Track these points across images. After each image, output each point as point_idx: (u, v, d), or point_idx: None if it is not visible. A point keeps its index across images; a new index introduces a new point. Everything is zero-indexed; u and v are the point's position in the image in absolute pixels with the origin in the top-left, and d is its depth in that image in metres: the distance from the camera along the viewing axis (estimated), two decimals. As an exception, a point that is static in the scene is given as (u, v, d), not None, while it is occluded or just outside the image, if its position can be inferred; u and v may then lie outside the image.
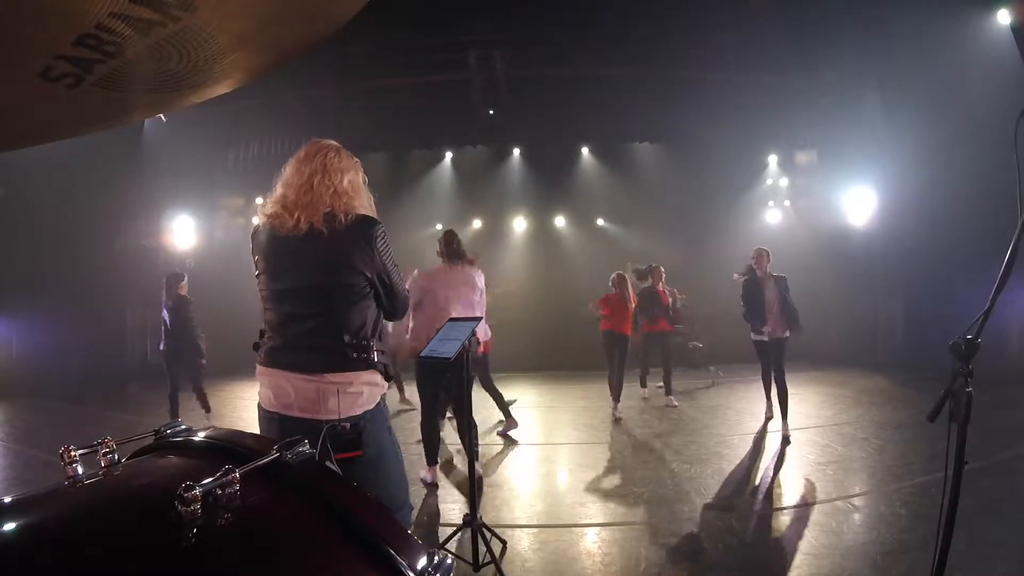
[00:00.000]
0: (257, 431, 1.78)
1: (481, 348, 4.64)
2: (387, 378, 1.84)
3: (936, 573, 1.44)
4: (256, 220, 1.94)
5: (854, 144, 9.81)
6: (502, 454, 5.09)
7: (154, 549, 0.70)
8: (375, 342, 1.79)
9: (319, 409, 1.69)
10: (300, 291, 1.77)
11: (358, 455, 1.01)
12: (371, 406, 1.77)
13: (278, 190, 1.83)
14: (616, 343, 6.52)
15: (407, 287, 2.12)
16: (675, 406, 6.67)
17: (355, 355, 1.73)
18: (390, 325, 4.35)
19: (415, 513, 3.66)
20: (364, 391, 1.75)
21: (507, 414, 5.65)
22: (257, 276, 1.86)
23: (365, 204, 1.86)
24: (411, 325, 3.98)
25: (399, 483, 1.84)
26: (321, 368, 1.71)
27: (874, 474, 4.16)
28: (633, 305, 6.59)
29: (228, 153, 10.99)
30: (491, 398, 5.66)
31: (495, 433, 5.64)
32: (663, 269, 7.33)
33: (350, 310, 1.76)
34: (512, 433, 5.65)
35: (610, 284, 6.69)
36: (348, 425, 1.01)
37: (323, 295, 1.76)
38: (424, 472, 4.11)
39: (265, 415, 1.80)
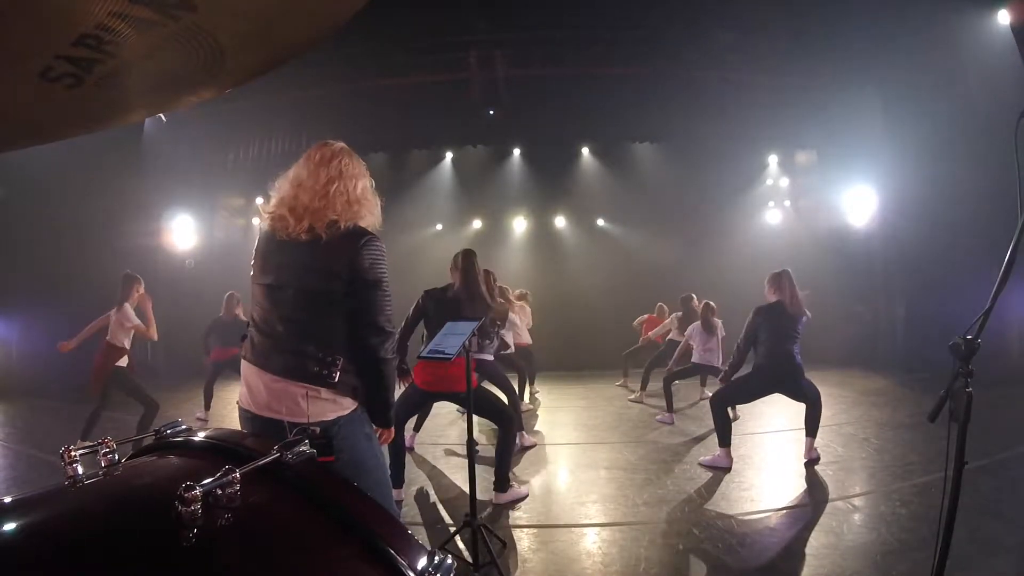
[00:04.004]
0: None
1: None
2: (358, 402, 1.77)
3: (936, 573, 1.44)
4: (257, 220, 1.94)
5: (854, 144, 9.81)
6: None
7: (155, 549, 0.70)
8: (343, 361, 1.72)
9: (288, 411, 1.67)
10: (280, 290, 1.75)
11: (329, 461, 1.01)
12: (344, 412, 1.73)
13: (287, 190, 1.78)
14: None
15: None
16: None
17: (316, 369, 1.68)
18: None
19: (414, 513, 3.67)
20: (336, 398, 1.71)
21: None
22: (252, 266, 1.86)
23: (373, 211, 1.84)
24: None
25: (381, 488, 1.80)
26: (285, 373, 1.69)
27: (874, 474, 4.16)
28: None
29: (228, 153, 10.98)
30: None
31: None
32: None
33: (322, 320, 1.73)
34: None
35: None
36: (318, 430, 1.00)
37: (300, 298, 1.73)
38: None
39: (241, 413, 1.79)
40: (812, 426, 4.46)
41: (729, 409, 5.59)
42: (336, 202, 1.74)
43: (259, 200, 11.71)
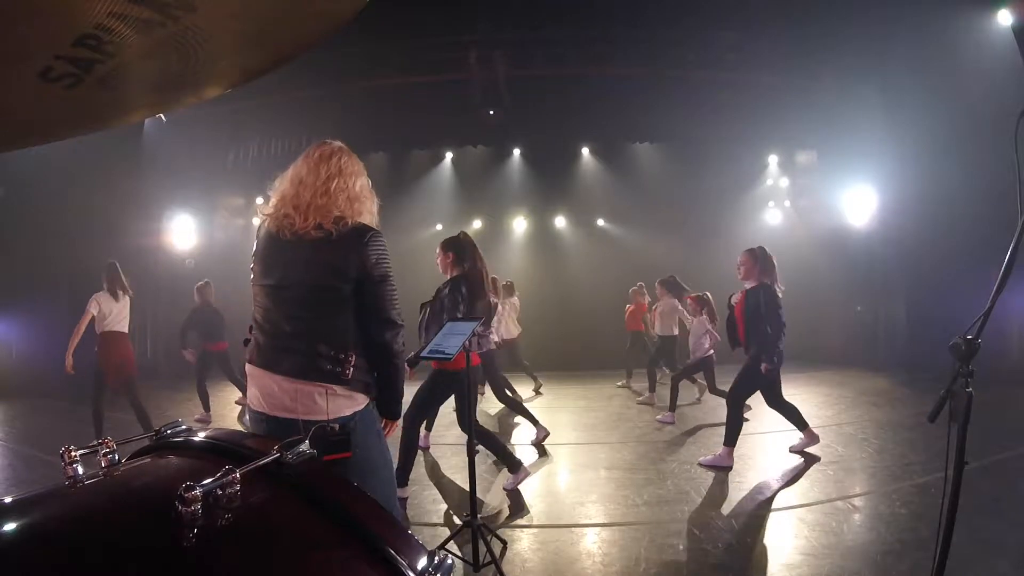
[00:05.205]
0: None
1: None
2: (371, 398, 1.78)
3: (936, 573, 1.44)
4: (257, 220, 1.93)
5: (854, 144, 9.81)
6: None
7: (155, 549, 0.70)
8: (355, 357, 1.72)
9: (304, 410, 1.67)
10: (286, 290, 1.74)
11: (347, 457, 1.00)
12: (360, 408, 1.74)
13: (288, 189, 1.78)
14: None
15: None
16: None
17: (328, 367, 1.69)
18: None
19: (414, 513, 3.67)
20: (351, 394, 1.72)
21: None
22: (252, 268, 1.85)
23: (372, 209, 1.86)
24: None
25: (387, 487, 1.81)
26: (295, 374, 1.69)
27: (874, 474, 4.16)
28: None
29: (228, 153, 10.99)
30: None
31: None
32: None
33: (331, 318, 1.73)
34: (512, 433, 5.66)
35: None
36: (336, 426, 1.00)
37: (307, 297, 1.72)
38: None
39: (254, 416, 1.78)
40: (800, 420, 4.69)
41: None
42: (339, 198, 1.76)
43: (259, 200, 11.67)
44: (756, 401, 5.05)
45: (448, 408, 6.10)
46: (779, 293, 4.53)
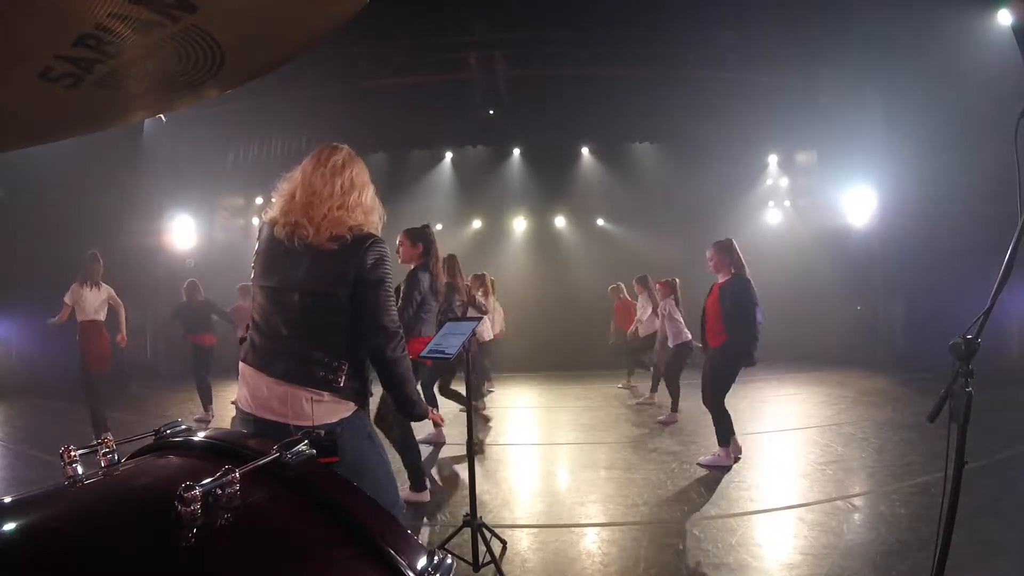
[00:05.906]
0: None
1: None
2: (360, 405, 1.78)
3: (936, 573, 1.44)
4: (257, 221, 1.92)
5: (854, 144, 9.81)
6: (502, 454, 5.09)
7: (154, 549, 0.70)
8: (347, 365, 1.71)
9: (292, 414, 1.67)
10: (286, 293, 1.73)
11: (335, 461, 1.01)
12: (347, 414, 1.73)
13: (300, 196, 1.76)
14: None
15: None
16: None
17: (321, 373, 1.69)
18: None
19: (414, 513, 3.67)
20: (340, 401, 1.72)
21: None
22: (252, 267, 1.84)
23: (376, 220, 1.86)
24: None
25: (385, 488, 1.80)
26: (288, 378, 1.68)
27: (874, 474, 4.16)
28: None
29: (228, 153, 10.99)
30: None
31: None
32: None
33: (330, 326, 1.72)
34: (511, 433, 5.66)
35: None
36: (323, 432, 1.00)
37: (307, 303, 1.72)
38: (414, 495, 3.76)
39: (241, 415, 1.77)
40: (725, 432, 4.51)
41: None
42: (355, 211, 1.77)
43: (259, 200, 11.64)
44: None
45: (446, 409, 6.13)
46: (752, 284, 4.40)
